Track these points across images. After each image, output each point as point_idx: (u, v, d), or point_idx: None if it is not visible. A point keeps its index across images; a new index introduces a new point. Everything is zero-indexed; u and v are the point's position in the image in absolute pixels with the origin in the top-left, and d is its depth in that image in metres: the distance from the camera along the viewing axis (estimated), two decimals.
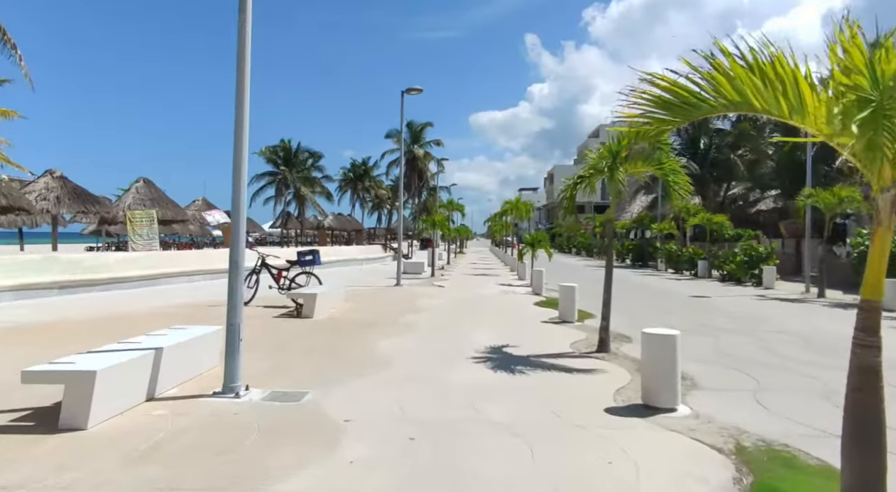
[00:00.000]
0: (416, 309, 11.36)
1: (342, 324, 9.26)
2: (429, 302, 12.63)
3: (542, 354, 7.16)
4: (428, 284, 17.50)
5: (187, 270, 16.17)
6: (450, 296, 14.10)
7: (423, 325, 9.38)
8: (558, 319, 10.14)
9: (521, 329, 9.15)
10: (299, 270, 11.58)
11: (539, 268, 15.57)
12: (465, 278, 20.45)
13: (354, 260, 26.84)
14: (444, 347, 7.55)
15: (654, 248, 28.13)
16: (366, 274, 21.35)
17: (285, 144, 43.28)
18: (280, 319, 9.63)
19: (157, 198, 23.36)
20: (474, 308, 11.74)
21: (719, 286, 18.15)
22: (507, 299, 13.58)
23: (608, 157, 6.98)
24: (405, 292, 14.91)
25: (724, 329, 9.44)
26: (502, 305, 12.32)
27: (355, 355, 6.92)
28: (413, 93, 16.56)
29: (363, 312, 10.70)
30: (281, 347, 7.32)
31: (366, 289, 15.67)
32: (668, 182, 6.81)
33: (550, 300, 13.13)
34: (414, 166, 42.63)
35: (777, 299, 14.20)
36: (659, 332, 5.06)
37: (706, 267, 22.31)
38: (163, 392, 5.06)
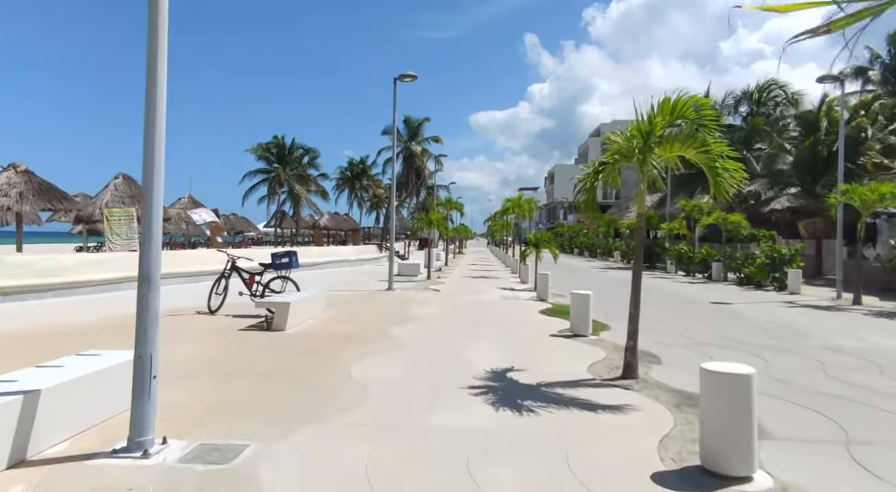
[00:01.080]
0: (406, 319, 9.99)
1: (317, 339, 7.88)
2: (422, 310, 11.26)
3: (556, 382, 5.79)
4: (423, 288, 16.13)
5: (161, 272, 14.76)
6: (446, 302, 12.73)
7: (413, 340, 8.01)
8: (569, 333, 8.77)
9: (528, 346, 7.77)
10: (274, 275, 10.21)
11: (544, 271, 14.20)
12: (464, 281, 19.09)
13: (347, 261, 25.47)
14: (435, 372, 6.18)
15: (663, 248, 26.76)
16: (358, 276, 19.98)
17: (278, 141, 41.90)
18: (245, 333, 8.25)
19: (137, 195, 21.98)
20: (473, 318, 10.38)
21: (739, 291, 16.78)
22: (510, 307, 12.21)
23: (638, 138, 5.61)
24: (397, 298, 13.54)
25: (764, 346, 8.06)
26: (504, 314, 10.95)
27: (323, 385, 5.54)
28: (407, 80, 15.19)
29: (345, 323, 9.32)
30: (234, 372, 5.95)
31: (354, 294, 14.30)
32: (716, 170, 5.43)
33: (558, 308, 11.76)
34: (411, 163, 41.25)
35: (809, 307, 12.82)
36: (725, 369, 3.68)
37: (720, 269, 20.94)
38: (43, 450, 3.69)
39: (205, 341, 7.53)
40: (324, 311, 10.35)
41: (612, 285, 18.34)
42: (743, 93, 30.36)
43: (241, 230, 54.82)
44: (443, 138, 48.09)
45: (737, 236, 23.18)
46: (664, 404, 5.14)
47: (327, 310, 10.54)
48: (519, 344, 7.89)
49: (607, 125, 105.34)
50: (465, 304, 12.47)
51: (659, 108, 5.62)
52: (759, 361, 7.02)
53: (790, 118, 26.92)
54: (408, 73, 15.03)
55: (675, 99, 5.57)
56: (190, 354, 6.76)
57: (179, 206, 27.05)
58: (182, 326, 8.77)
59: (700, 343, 8.19)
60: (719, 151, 5.43)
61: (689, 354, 7.41)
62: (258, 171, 42.27)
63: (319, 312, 10.08)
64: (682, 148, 5.62)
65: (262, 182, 42.35)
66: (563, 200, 73.36)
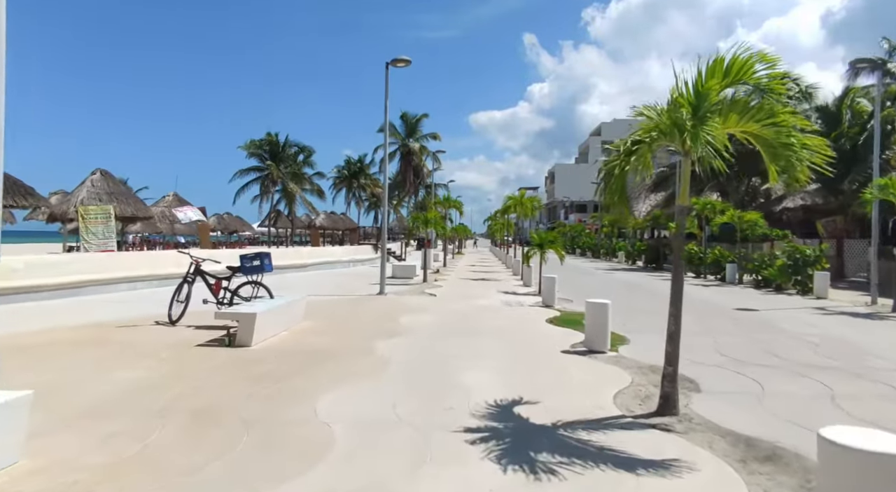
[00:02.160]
0: (395, 330, 8.71)
1: (286, 357, 6.61)
2: (414, 319, 9.98)
3: (577, 422, 4.52)
4: (418, 293, 14.86)
5: (130, 275, 13.52)
6: (442, 309, 11.45)
7: (400, 359, 6.73)
8: (584, 348, 7.51)
9: (537, 366, 6.50)
10: (244, 280, 8.93)
11: (550, 274, 12.92)
12: (463, 284, 17.81)
13: (339, 262, 24.19)
14: (424, 406, 4.91)
15: (672, 249, 25.47)
16: (349, 278, 18.70)
17: (271, 138, 40.54)
18: (201, 350, 6.97)
19: (115, 192, 20.72)
20: (471, 329, 9.10)
21: (758, 295, 15.51)
22: (513, 315, 10.94)
23: (686, 107, 4.34)
24: (388, 304, 12.26)
25: (818, 367, 6.79)
26: (507, 325, 9.67)
27: (275, 428, 4.27)
28: (400, 65, 13.91)
29: (324, 336, 8.04)
30: (163, 408, 4.67)
31: (340, 299, 13.02)
32: (790, 148, 4.14)
33: (567, 316, 10.49)
34: (409, 161, 39.90)
35: (845, 314, 11.56)
36: (866, 445, 2.39)
37: (735, 271, 19.67)
38: None
39: (147, 362, 6.26)
40: (301, 321, 9.08)
41: (622, 289, 17.07)
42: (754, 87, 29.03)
43: (234, 230, 53.63)
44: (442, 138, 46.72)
45: (750, 236, 21.94)
46: (723, 457, 3.87)
47: (305, 319, 9.27)
48: (526, 364, 6.62)
49: (608, 124, 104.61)
50: (463, 311, 11.19)
51: (710, 69, 4.35)
52: (819, 388, 5.76)
53: (811, 111, 25.63)
54: (401, 58, 13.76)
55: (732, 58, 4.31)
56: (120, 380, 5.48)
57: (164, 204, 25.77)
58: (131, 340, 7.49)
59: (740, 362, 6.92)
60: (792, 125, 4.15)
61: (732, 378, 6.15)
62: (251, 168, 40.93)
63: (295, 322, 8.80)
64: (742, 121, 4.35)
65: (254, 180, 40.99)
66: (565, 199, 72.17)
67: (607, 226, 40.98)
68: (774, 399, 5.29)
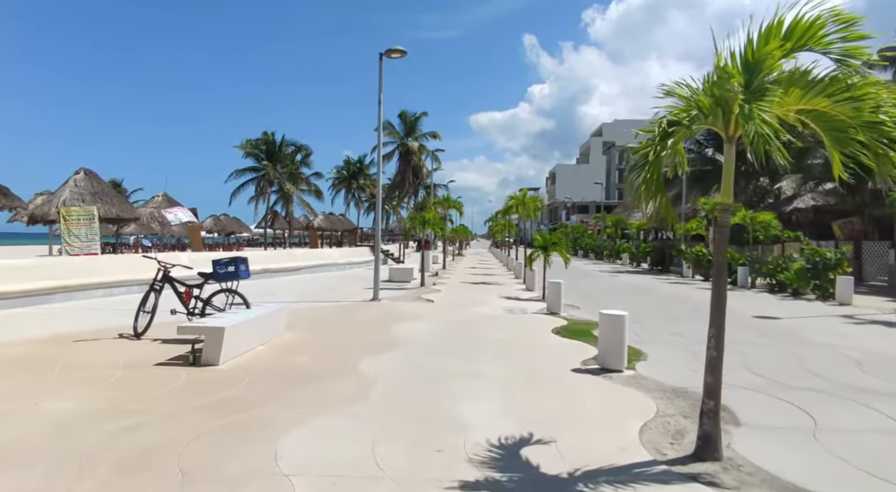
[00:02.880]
0: (384, 344, 7.83)
1: (254, 380, 5.73)
2: (407, 330, 9.11)
3: (598, 471, 3.64)
4: (414, 298, 13.98)
5: (106, 280, 12.64)
6: (439, 318, 10.57)
7: (387, 382, 5.85)
8: (597, 366, 6.63)
9: (546, 391, 5.62)
10: (218, 287, 8.05)
11: (555, 279, 12.03)
12: (462, 289, 16.93)
13: (334, 264, 23.31)
14: (411, 449, 4.02)
15: (679, 250, 24.60)
16: (343, 282, 17.83)
17: (268, 137, 39.71)
18: (159, 371, 6.09)
19: (99, 192, 19.88)
20: (471, 342, 8.22)
21: (775, 300, 14.61)
22: (517, 324, 10.06)
23: (738, 77, 3.47)
24: (381, 312, 11.38)
25: (873, 391, 5.89)
26: (511, 336, 8.79)
27: (220, 488, 3.39)
28: (395, 56, 13.05)
29: (303, 353, 7.16)
30: (86, 456, 3.78)
31: (330, 306, 12.14)
32: (879, 129, 3.24)
33: (575, 326, 9.62)
34: (408, 160, 38.99)
35: (878, 323, 10.65)
36: None
37: (746, 274, 18.77)
38: None
39: (89, 388, 5.38)
40: (282, 333, 8.20)
41: (630, 293, 16.18)
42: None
43: (231, 231, 52.85)
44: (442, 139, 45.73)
45: (761, 238, 21.07)
46: None
47: (288, 331, 8.39)
48: (533, 387, 5.74)
49: (609, 125, 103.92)
50: (461, 320, 10.31)
51: (766, 32, 3.47)
52: (884, 421, 4.87)
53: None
54: (396, 48, 12.89)
55: (795, 19, 3.43)
56: (49, 413, 4.61)
57: (153, 205, 24.92)
58: (82, 358, 6.61)
59: (778, 384, 6.04)
60: (878, 101, 3.26)
61: (775, 406, 5.26)
62: (247, 169, 40.10)
63: (275, 334, 7.92)
64: (807, 97, 3.47)
65: (250, 181, 40.15)
66: (566, 199, 71.36)
67: (610, 227, 40.09)
68: (833, 437, 4.41)
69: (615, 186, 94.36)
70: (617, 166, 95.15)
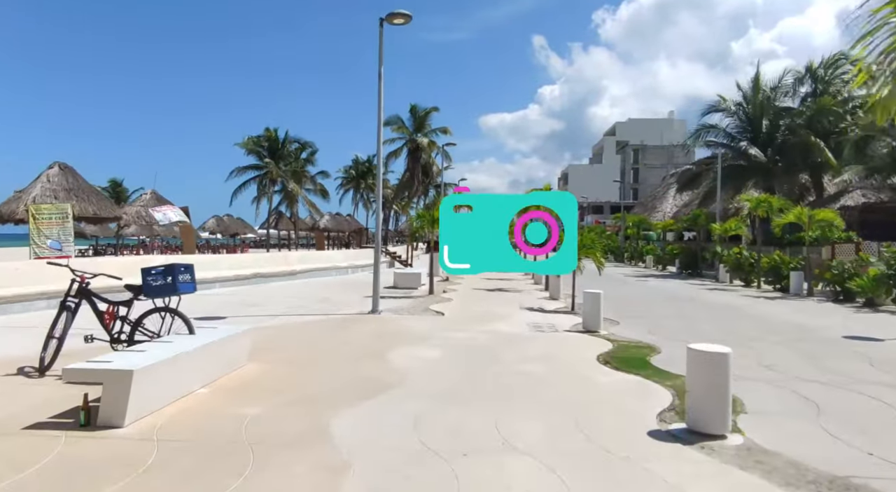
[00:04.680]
0: (377, 383, 5.73)
1: (159, 463, 3.64)
2: (410, 357, 7.00)
3: None
4: (421, 309, 11.87)
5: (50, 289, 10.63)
6: (450, 339, 8.45)
7: (370, 464, 3.73)
8: (684, 427, 4.47)
9: (620, 476, 3.47)
10: (152, 306, 5.97)
11: (588, 287, 9.86)
12: (477, 297, 14.80)
13: (335, 268, 21.28)
14: None
15: (714, 253, 22.26)
16: (342, 289, 15.77)
17: (270, 134, 37.84)
18: (25, 441, 4.01)
19: (75, 188, 18.01)
20: (493, 378, 6.10)
21: (850, 313, 12.31)
22: (549, 348, 7.90)
23: None
24: (379, 330, 9.29)
25: None
26: (545, 369, 6.63)
27: None
28: (398, 22, 10.97)
29: (257, 401, 5.07)
30: None
31: (319, 321, 10.06)
32: None
33: (624, 350, 7.47)
34: (417, 158, 36.91)
35: None
36: None
37: (801, 280, 16.45)
38: None
39: None
40: (241, 364, 6.13)
41: (670, 303, 13.91)
42: (807, 68, 25.75)
43: (235, 232, 51.20)
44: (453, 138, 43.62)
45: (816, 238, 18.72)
46: None
47: (251, 361, 6.32)
48: (606, 478, 3.58)
49: (623, 124, 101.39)
50: (478, 342, 8.17)
51: None
52: None
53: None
54: (398, 12, 10.81)
55: None
56: None
57: (140, 203, 23.06)
58: None
59: None
60: None
61: None
62: (248, 167, 38.24)
63: (229, 368, 5.85)
64: None
65: (252, 180, 38.30)
66: (582, 200, 68.87)
67: (631, 227, 37.72)
68: None
69: (629, 185, 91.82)
70: (631, 166, 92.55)
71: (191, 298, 6.30)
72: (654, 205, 46.78)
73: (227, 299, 12.94)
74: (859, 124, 21.60)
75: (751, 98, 26.44)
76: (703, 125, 27.39)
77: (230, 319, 9.90)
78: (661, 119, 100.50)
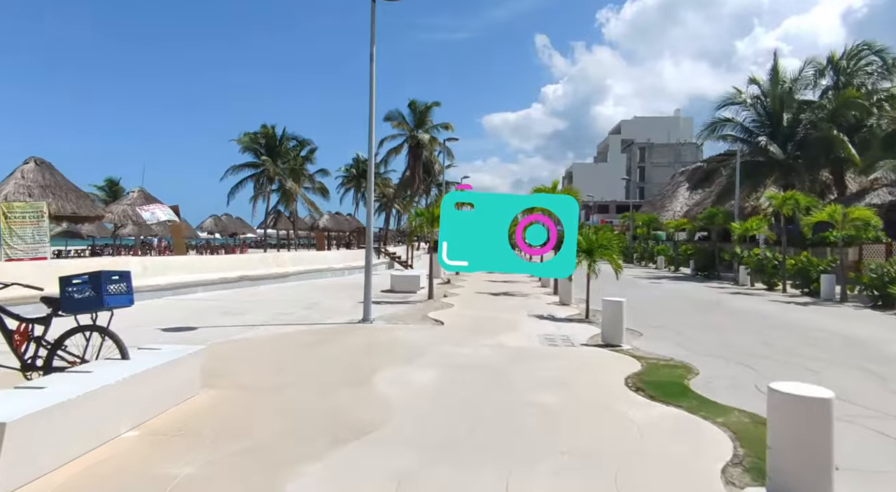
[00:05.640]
0: (356, 420, 4.55)
1: None
2: (401, 381, 5.82)
3: None
4: (419, 317, 10.69)
5: None
6: (449, 356, 7.25)
7: None
8: (753, 482, 3.25)
9: None
10: (80, 323, 4.79)
11: (614, 296, 8.66)
12: (480, 302, 13.61)
13: (330, 270, 20.13)
14: None
15: (734, 254, 21.00)
16: (334, 293, 14.60)
17: (267, 130, 36.67)
18: None
19: (52, 185, 16.89)
20: (502, 414, 4.91)
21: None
22: (567, 369, 6.70)
23: None
24: (368, 343, 8.10)
25: None
26: (565, 399, 5.43)
27: None
28: None
29: (196, 450, 3.88)
30: None
31: (300, 333, 8.87)
32: None
33: (656, 372, 6.26)
34: (417, 155, 35.69)
35: None
36: None
37: (832, 284, 15.20)
38: None
39: None
40: (192, 393, 4.96)
41: (695, 309, 12.65)
42: (828, 60, 24.42)
43: (234, 232, 50.17)
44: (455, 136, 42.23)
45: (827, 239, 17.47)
46: None
47: (207, 386, 5.16)
48: None
49: (628, 122, 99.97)
50: (482, 361, 6.97)
51: None
52: None
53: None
54: None
55: None
56: None
57: (127, 201, 21.94)
58: None
59: None
60: None
61: None
62: (245, 164, 37.09)
63: (172, 400, 4.67)
64: None
65: (249, 178, 37.17)
66: (588, 199, 67.70)
67: (641, 227, 36.43)
68: None
69: (636, 184, 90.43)
70: (637, 164, 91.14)
71: (163, 305, 5.19)
72: (663, 204, 45.47)
73: (206, 305, 11.79)
74: (888, 117, 20.28)
75: (769, 91, 25.14)
76: (717, 119, 26.08)
77: (201, 331, 8.74)
78: (668, 117, 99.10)
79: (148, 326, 8.91)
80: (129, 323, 9.43)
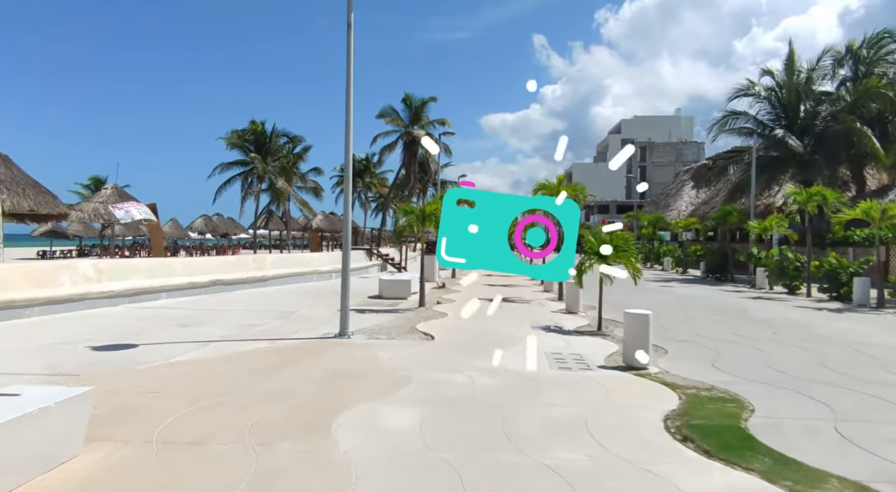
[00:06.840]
0: None
1: None
2: (368, 428, 4.37)
3: None
4: (406, 330, 9.22)
5: None
6: (436, 385, 5.78)
7: None
8: None
9: None
10: None
11: (625, 302, 7.20)
12: (478, 310, 12.09)
13: (317, 272, 18.63)
14: None
15: (750, 255, 19.55)
16: (314, 300, 13.08)
17: (256, 127, 35.10)
18: None
19: (7, 180, 15.39)
20: (510, 487, 3.42)
21: None
22: (584, 406, 5.24)
23: None
24: (338, 368, 6.62)
25: None
26: (588, 458, 3.97)
27: None
28: None
29: None
30: None
31: (260, 351, 7.38)
32: None
33: (701, 409, 4.80)
34: (413, 152, 34.17)
35: None
36: None
37: (866, 288, 13.77)
38: None
39: None
40: (58, 461, 3.49)
41: (719, 319, 11.13)
42: (847, 48, 22.99)
43: (225, 232, 48.71)
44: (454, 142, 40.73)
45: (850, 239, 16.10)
46: None
47: (85, 449, 3.68)
48: None
49: (629, 121, 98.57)
50: (478, 396, 5.50)
51: None
52: None
53: None
54: None
55: None
56: None
57: (99, 199, 20.44)
58: None
59: None
60: None
61: None
62: (233, 163, 35.55)
63: (30, 473, 3.20)
64: None
65: (237, 176, 35.63)
66: (590, 197, 66.05)
67: (646, 227, 34.97)
68: None
69: (637, 183, 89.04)
70: (638, 163, 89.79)
71: (115, 314, 3.93)
72: (667, 203, 44.06)
73: (164, 315, 10.32)
74: None
75: (784, 82, 23.69)
76: (729, 112, 24.61)
77: (141, 349, 7.27)
78: (669, 116, 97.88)
79: (78, 344, 7.45)
80: (55, 338, 7.83)
